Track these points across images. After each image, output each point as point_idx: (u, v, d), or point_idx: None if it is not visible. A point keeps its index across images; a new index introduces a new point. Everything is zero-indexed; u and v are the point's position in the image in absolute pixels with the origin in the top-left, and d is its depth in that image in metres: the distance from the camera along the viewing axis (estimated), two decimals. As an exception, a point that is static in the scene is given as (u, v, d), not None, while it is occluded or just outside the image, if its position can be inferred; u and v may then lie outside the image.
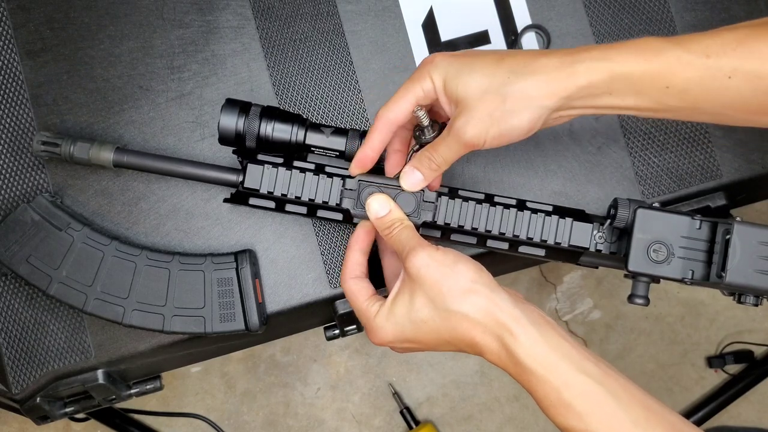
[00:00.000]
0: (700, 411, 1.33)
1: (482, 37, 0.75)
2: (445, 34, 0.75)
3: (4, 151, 0.73)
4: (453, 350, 0.59)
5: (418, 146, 0.63)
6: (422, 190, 0.64)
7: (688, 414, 1.34)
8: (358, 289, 0.62)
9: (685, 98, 0.55)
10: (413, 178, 0.62)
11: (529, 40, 0.74)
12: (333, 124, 0.73)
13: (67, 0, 0.74)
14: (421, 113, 0.60)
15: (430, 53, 0.74)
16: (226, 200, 0.67)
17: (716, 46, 0.53)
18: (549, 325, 0.56)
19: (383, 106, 0.61)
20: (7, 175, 0.73)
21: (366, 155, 0.62)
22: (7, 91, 0.73)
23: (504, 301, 0.56)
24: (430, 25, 0.75)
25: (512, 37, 0.74)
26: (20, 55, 0.73)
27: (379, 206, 0.63)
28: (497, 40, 0.74)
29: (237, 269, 0.70)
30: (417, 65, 0.74)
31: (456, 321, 0.56)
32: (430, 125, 0.61)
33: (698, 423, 1.33)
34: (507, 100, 0.56)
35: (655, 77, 0.54)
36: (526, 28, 0.74)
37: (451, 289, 0.56)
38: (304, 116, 0.74)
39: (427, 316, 0.57)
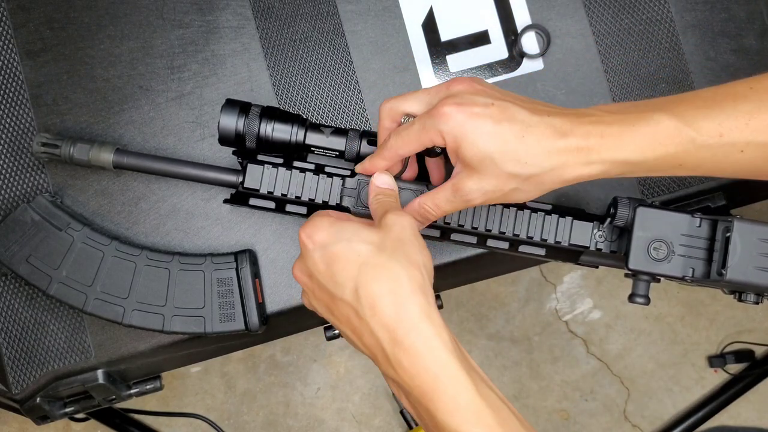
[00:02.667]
0: (700, 411, 1.33)
1: (482, 37, 0.75)
2: (445, 34, 0.75)
3: (4, 151, 0.73)
4: (332, 304, 0.54)
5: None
6: (422, 188, 0.64)
7: (688, 414, 1.34)
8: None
9: (697, 171, 0.55)
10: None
11: (529, 40, 0.74)
12: (333, 124, 0.73)
13: (67, 0, 0.74)
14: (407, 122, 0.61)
15: (430, 53, 0.74)
16: (226, 201, 0.67)
17: (729, 123, 0.53)
18: (459, 344, 0.53)
19: (395, 135, 0.59)
20: (7, 175, 0.73)
21: (371, 171, 0.62)
22: (7, 91, 0.73)
23: (432, 302, 0.52)
24: (430, 25, 0.75)
25: (512, 37, 0.74)
26: (20, 55, 0.73)
27: (386, 179, 0.61)
28: (497, 40, 0.74)
29: (237, 269, 0.70)
30: (417, 65, 0.74)
31: (382, 273, 0.51)
32: None
33: (698, 423, 1.33)
34: (522, 184, 0.55)
35: (668, 160, 0.54)
36: (526, 28, 0.74)
37: (405, 252, 0.52)
38: (304, 116, 0.74)
39: (366, 252, 0.52)
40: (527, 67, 0.74)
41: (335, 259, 0.53)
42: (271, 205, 0.66)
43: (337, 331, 0.77)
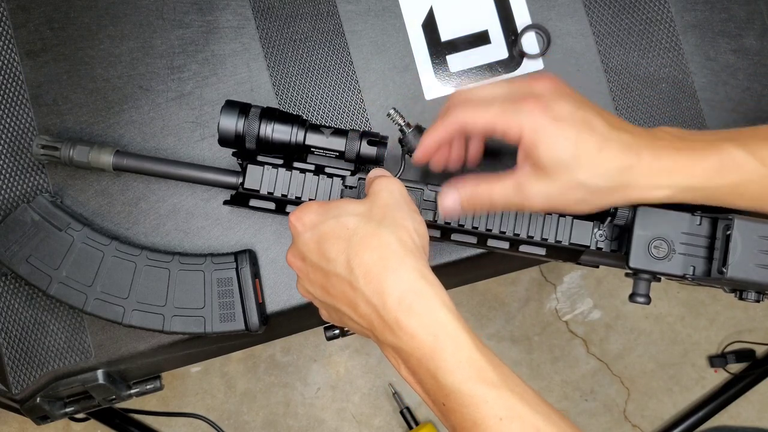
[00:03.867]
0: (700, 411, 1.33)
1: (482, 37, 0.75)
2: (445, 34, 0.75)
3: (4, 151, 0.73)
4: (327, 281, 0.54)
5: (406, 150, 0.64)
6: (422, 190, 0.64)
7: (688, 414, 1.34)
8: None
9: (756, 201, 0.56)
10: (450, 202, 0.58)
11: (529, 40, 0.74)
12: (333, 124, 0.73)
13: (67, 0, 0.74)
14: (396, 115, 0.61)
15: (430, 53, 0.74)
16: (226, 202, 0.67)
17: None
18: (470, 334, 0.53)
19: (464, 106, 0.57)
20: (7, 175, 0.73)
21: (425, 144, 0.60)
22: (7, 91, 0.73)
23: (426, 263, 0.51)
24: (430, 25, 0.75)
25: (512, 37, 0.74)
26: (20, 55, 0.73)
27: (380, 170, 0.60)
28: (497, 40, 0.74)
29: (237, 269, 0.70)
30: (417, 65, 0.74)
31: (372, 241, 0.51)
32: (405, 125, 0.62)
33: (698, 423, 1.33)
34: (589, 196, 0.55)
35: (732, 188, 0.55)
36: (526, 28, 0.74)
37: (394, 218, 0.52)
38: (304, 116, 0.74)
39: (354, 224, 0.52)
40: (527, 67, 0.74)
41: (325, 236, 0.53)
42: (271, 206, 0.66)
43: (337, 331, 0.77)
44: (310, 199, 0.65)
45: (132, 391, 0.77)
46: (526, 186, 0.55)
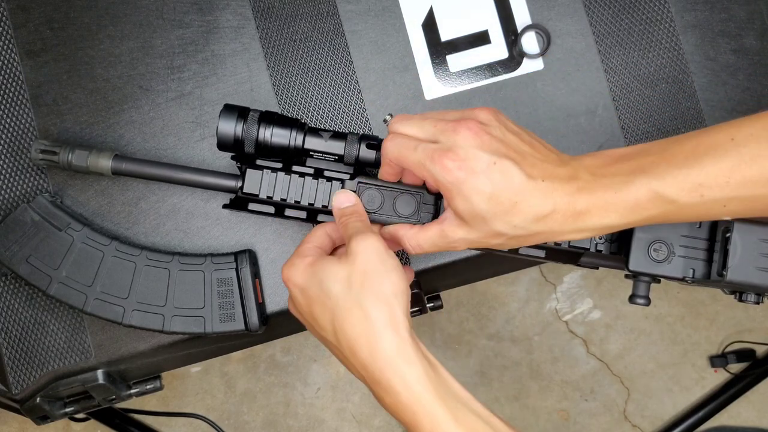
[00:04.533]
0: (700, 411, 1.33)
1: (482, 37, 0.75)
2: (445, 34, 0.75)
3: (4, 151, 0.73)
4: (324, 341, 0.59)
5: None
6: (421, 192, 0.64)
7: (688, 414, 1.34)
8: (319, 235, 0.63)
9: (681, 221, 0.57)
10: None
11: (529, 40, 0.74)
12: (333, 124, 0.73)
13: (67, 0, 0.74)
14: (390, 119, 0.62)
15: (430, 53, 0.74)
16: (225, 206, 0.67)
17: (710, 181, 0.53)
18: (439, 364, 0.56)
19: (392, 145, 0.59)
20: (7, 175, 0.73)
21: (384, 178, 0.63)
22: (7, 91, 0.73)
23: (405, 335, 0.55)
24: (430, 25, 0.75)
25: (512, 37, 0.74)
26: (20, 55, 0.73)
27: (344, 198, 0.63)
28: (497, 40, 0.74)
29: (237, 269, 0.70)
30: (417, 65, 0.74)
31: (353, 315, 0.55)
32: None
33: (698, 423, 1.33)
34: (508, 241, 0.57)
35: (651, 220, 0.55)
36: (526, 28, 0.74)
37: (372, 286, 0.55)
38: (304, 116, 0.74)
39: (336, 293, 0.56)
40: (527, 67, 0.74)
41: (313, 302, 0.58)
42: (270, 209, 0.66)
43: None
44: (313, 206, 0.65)
45: (132, 391, 0.77)
46: (449, 234, 0.58)
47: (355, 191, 0.65)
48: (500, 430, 0.55)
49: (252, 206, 0.66)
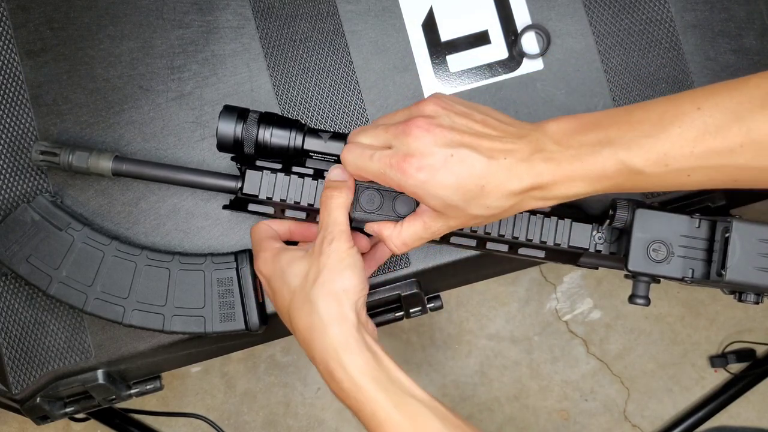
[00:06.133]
0: (700, 411, 1.33)
1: (482, 37, 0.75)
2: (445, 34, 0.75)
3: (4, 151, 0.73)
4: (289, 329, 0.63)
5: None
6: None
7: (688, 414, 1.34)
8: (265, 228, 0.66)
9: (647, 191, 0.58)
10: (365, 244, 0.65)
11: (529, 40, 0.74)
12: (333, 125, 0.73)
13: (67, 0, 0.74)
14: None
15: (430, 53, 0.74)
16: (225, 207, 0.67)
17: (675, 151, 0.53)
18: (384, 355, 0.59)
19: (350, 155, 0.60)
20: (8, 175, 0.73)
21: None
22: (7, 91, 0.73)
23: (350, 322, 0.58)
24: (430, 25, 0.75)
25: (512, 37, 0.74)
26: (20, 55, 0.73)
27: (337, 172, 0.63)
28: (497, 40, 0.74)
29: (237, 269, 0.70)
30: (417, 65, 0.74)
31: (303, 309, 0.60)
32: None
33: (698, 423, 1.33)
34: (485, 220, 0.57)
35: (617, 188, 0.56)
36: (526, 28, 0.74)
37: (323, 282, 0.59)
38: (304, 116, 0.74)
39: (294, 286, 0.61)
40: (527, 67, 0.74)
41: (275, 291, 0.62)
42: (270, 210, 0.66)
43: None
44: (312, 207, 0.65)
45: (132, 391, 0.77)
46: (430, 225, 0.59)
47: (354, 193, 0.65)
48: (442, 414, 0.57)
49: (252, 207, 0.66)
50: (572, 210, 0.66)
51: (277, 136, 0.64)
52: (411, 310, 0.76)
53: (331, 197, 0.62)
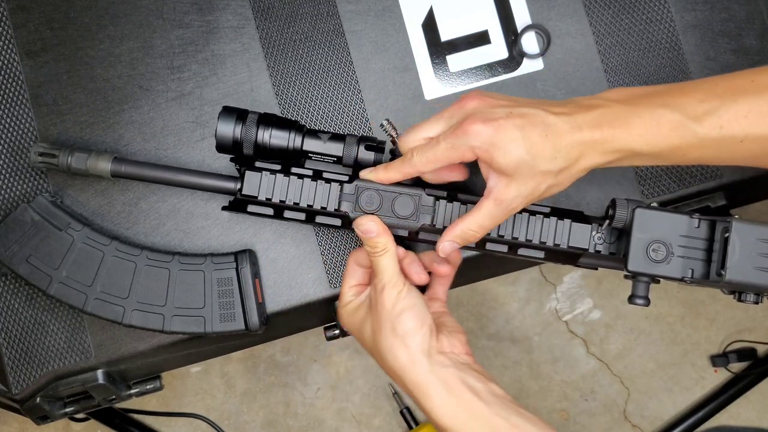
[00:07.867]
0: (700, 411, 1.33)
1: (482, 37, 0.75)
2: (445, 34, 0.75)
3: (4, 151, 0.73)
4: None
5: (390, 157, 0.65)
6: (420, 194, 0.64)
7: (688, 414, 1.34)
8: (352, 271, 0.68)
9: (701, 160, 0.59)
10: (449, 249, 0.64)
11: (529, 40, 0.74)
12: (333, 124, 0.74)
13: (67, 0, 0.74)
14: (388, 126, 0.63)
15: (430, 53, 0.74)
16: (224, 208, 0.67)
17: (728, 115, 0.56)
18: (464, 386, 0.61)
19: (419, 153, 0.61)
20: (8, 175, 0.73)
21: (384, 181, 0.65)
22: (7, 91, 0.73)
23: (420, 365, 0.61)
24: (430, 25, 0.75)
25: (512, 37, 0.74)
26: (20, 55, 0.73)
27: (370, 226, 0.64)
28: (497, 40, 0.74)
29: (237, 269, 0.70)
30: (417, 65, 0.74)
31: (381, 360, 0.64)
32: (397, 136, 0.63)
33: (698, 423, 1.33)
34: (556, 178, 0.59)
35: (674, 151, 0.58)
36: (526, 28, 0.74)
37: (385, 335, 0.62)
38: (304, 116, 0.74)
39: (368, 340, 0.65)
40: (527, 67, 0.74)
41: (358, 339, 0.66)
42: (270, 211, 0.66)
43: (337, 331, 0.77)
44: (312, 208, 0.65)
45: (132, 391, 0.77)
46: (504, 198, 0.59)
47: (352, 194, 0.65)
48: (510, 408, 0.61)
49: (251, 208, 0.66)
50: (572, 210, 0.66)
51: (276, 137, 0.64)
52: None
53: (374, 251, 0.63)
